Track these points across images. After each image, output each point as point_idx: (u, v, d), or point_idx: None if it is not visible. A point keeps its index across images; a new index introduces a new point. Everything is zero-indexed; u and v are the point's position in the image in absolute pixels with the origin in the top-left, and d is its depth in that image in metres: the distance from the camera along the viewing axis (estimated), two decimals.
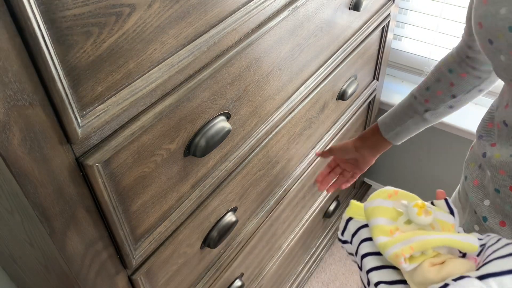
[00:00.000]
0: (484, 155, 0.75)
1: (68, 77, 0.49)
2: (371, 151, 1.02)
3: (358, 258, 0.62)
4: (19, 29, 0.43)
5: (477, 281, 0.49)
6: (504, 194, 0.71)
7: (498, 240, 0.56)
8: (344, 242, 0.67)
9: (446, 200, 0.62)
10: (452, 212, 0.61)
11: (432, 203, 0.63)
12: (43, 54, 0.45)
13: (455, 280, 0.50)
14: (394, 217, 0.61)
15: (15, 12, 0.42)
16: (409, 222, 0.60)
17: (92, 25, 0.49)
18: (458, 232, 0.60)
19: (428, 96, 0.90)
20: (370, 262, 0.59)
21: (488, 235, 0.60)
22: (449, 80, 0.87)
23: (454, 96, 0.88)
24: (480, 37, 0.66)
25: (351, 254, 0.66)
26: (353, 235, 0.64)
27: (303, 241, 1.54)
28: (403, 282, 0.56)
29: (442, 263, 0.54)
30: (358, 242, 0.62)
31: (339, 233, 0.68)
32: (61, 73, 0.48)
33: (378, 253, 0.59)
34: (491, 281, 0.49)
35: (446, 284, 0.50)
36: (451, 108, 0.91)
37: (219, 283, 1.05)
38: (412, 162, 1.86)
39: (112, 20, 0.51)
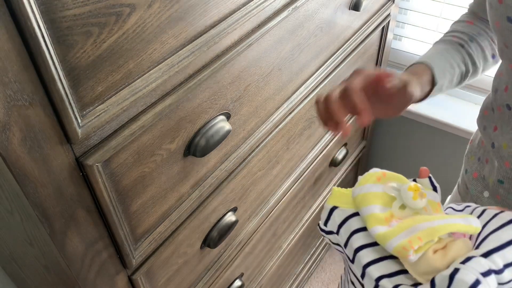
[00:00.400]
0: (493, 145, 0.73)
1: (68, 77, 0.49)
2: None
3: (349, 251, 0.58)
4: (19, 29, 0.43)
5: (483, 260, 0.49)
6: (508, 185, 0.71)
7: (483, 211, 0.55)
8: (328, 232, 0.62)
9: (430, 178, 0.60)
10: (435, 189, 0.60)
11: (415, 181, 0.61)
12: (43, 54, 0.45)
13: (462, 262, 0.49)
14: (387, 203, 0.58)
15: (15, 12, 0.42)
16: (403, 206, 0.57)
17: (92, 25, 0.49)
18: (446, 212, 0.59)
19: (474, 50, 0.75)
20: (366, 255, 0.56)
21: (468, 206, 0.59)
22: (490, 36, 0.77)
23: (493, 56, 0.77)
24: (496, 13, 0.61)
25: (336, 244, 0.62)
26: (340, 225, 0.60)
27: (303, 241, 1.54)
28: (403, 271, 0.54)
29: (444, 247, 0.52)
30: (348, 233, 0.59)
31: (320, 222, 0.63)
32: (61, 73, 0.48)
33: (373, 244, 0.56)
34: (495, 257, 0.49)
35: (457, 269, 0.48)
36: (483, 71, 0.78)
37: (219, 283, 1.05)
38: (411, 162, 1.86)
39: (112, 20, 0.51)
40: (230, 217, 0.94)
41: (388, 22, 1.36)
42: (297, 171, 1.20)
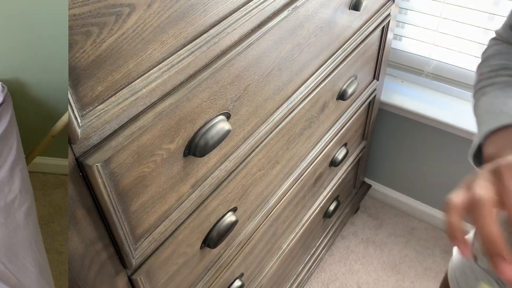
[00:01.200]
0: None
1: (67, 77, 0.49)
2: None
3: None
4: None
5: None
6: None
7: None
8: None
9: None
10: None
11: None
12: None
13: None
14: None
15: None
16: None
17: (92, 25, 0.49)
18: None
19: None
20: None
21: None
22: None
23: None
24: None
25: None
26: None
27: (303, 241, 1.54)
28: None
29: None
30: None
31: None
32: None
33: None
34: None
35: None
36: None
37: (219, 283, 1.05)
38: (411, 162, 1.86)
39: (112, 20, 0.51)
40: (230, 217, 0.94)
41: (388, 22, 1.36)
42: (297, 171, 1.20)
